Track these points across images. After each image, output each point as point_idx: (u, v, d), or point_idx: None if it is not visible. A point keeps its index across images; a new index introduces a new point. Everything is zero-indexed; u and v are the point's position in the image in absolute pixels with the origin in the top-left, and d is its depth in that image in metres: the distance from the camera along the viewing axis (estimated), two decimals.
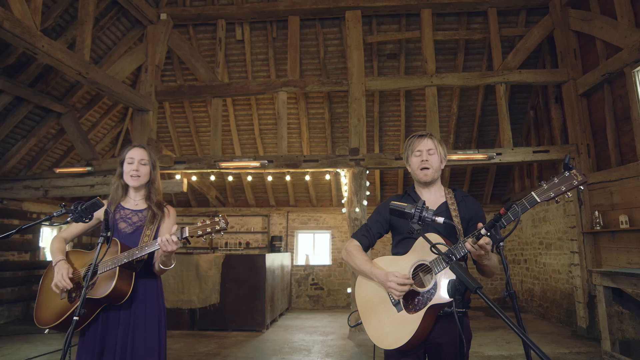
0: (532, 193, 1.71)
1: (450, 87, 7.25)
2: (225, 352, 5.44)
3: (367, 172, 6.85)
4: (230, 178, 9.32)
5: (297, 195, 10.37)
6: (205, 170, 7.25)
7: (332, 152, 8.75)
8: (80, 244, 9.26)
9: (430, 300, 1.81)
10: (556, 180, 1.69)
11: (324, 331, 6.81)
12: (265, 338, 6.29)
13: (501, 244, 1.54)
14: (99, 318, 2.12)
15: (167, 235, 1.96)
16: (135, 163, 2.28)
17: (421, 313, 1.81)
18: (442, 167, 2.17)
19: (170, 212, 2.37)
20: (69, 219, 2.09)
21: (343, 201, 7.04)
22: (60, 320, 2.07)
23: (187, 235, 1.97)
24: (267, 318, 6.95)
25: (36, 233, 8.31)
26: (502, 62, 6.57)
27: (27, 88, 6.32)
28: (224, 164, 6.93)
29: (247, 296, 6.84)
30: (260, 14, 7.21)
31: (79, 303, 1.80)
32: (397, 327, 1.86)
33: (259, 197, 10.49)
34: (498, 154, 6.26)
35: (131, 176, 2.28)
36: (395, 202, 1.68)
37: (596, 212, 5.74)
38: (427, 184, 2.11)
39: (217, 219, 1.97)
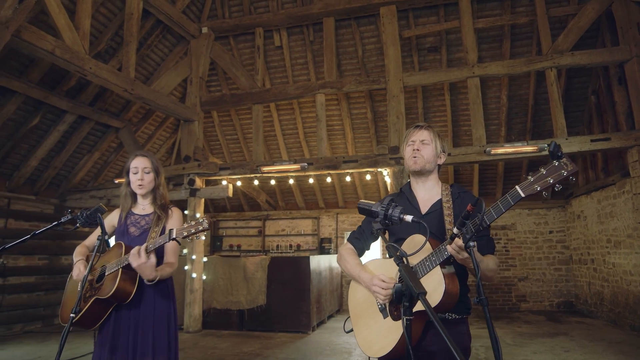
0: (517, 187, 1.56)
1: (496, 77, 6.80)
2: (267, 352, 5.54)
3: None
4: (272, 182, 9.50)
5: (345, 197, 10.33)
6: (249, 175, 7.46)
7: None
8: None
9: (414, 306, 1.70)
10: (543, 171, 1.52)
11: None
12: (309, 340, 6.32)
13: (470, 243, 1.41)
14: (112, 316, 2.27)
15: (137, 247, 2.06)
16: (139, 172, 2.40)
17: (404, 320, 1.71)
18: (440, 162, 2.03)
19: (174, 213, 2.46)
20: (78, 224, 2.27)
21: None
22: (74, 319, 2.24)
23: (175, 236, 2.06)
24: (313, 320, 6.97)
25: None
26: (551, 45, 6.05)
27: (88, 107, 6.94)
28: (265, 168, 7.10)
29: (293, 298, 6.92)
30: (295, 18, 7.29)
31: (75, 301, 1.94)
32: (382, 334, 1.77)
33: (309, 199, 10.60)
34: (549, 145, 5.75)
35: (138, 185, 2.41)
36: (363, 201, 1.61)
37: None
38: (420, 177, 1.99)
39: (200, 220, 2.06)
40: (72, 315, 1.90)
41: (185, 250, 7.16)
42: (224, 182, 7.81)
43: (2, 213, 6.89)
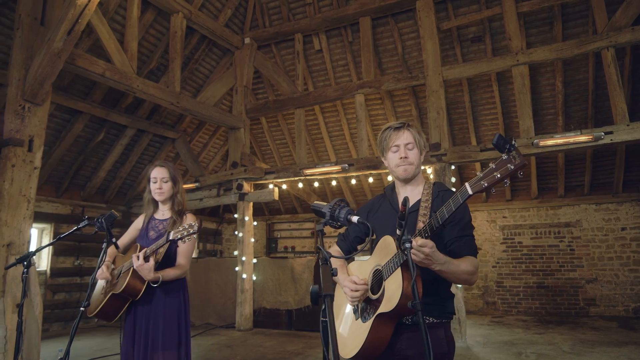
0: (466, 184, 1.49)
1: (546, 63, 6.30)
2: (309, 352, 5.64)
3: (453, 167, 6.42)
4: (316, 184, 9.64)
5: None
6: (293, 179, 7.65)
7: None
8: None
9: (378, 308, 1.69)
10: (492, 166, 1.45)
11: None
12: None
13: (407, 245, 1.37)
14: (132, 311, 2.52)
15: (136, 253, 2.26)
16: (158, 182, 2.63)
17: (370, 322, 1.70)
18: (423, 158, 1.99)
19: (188, 219, 2.66)
20: (96, 229, 2.54)
21: None
22: (95, 311, 2.51)
23: (171, 238, 2.28)
24: None
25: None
26: (607, 22, 5.48)
27: (145, 121, 7.57)
28: (308, 171, 7.24)
29: None
30: (332, 21, 7.35)
31: (86, 296, 2.18)
32: (353, 335, 1.79)
33: (359, 200, 10.55)
34: (607, 133, 5.22)
35: (157, 193, 2.65)
36: (316, 202, 1.63)
37: None
38: (406, 181, 1.97)
39: (192, 224, 2.28)
40: (81, 308, 2.14)
41: (235, 252, 7.52)
42: (271, 186, 8.07)
43: (78, 220, 7.74)
